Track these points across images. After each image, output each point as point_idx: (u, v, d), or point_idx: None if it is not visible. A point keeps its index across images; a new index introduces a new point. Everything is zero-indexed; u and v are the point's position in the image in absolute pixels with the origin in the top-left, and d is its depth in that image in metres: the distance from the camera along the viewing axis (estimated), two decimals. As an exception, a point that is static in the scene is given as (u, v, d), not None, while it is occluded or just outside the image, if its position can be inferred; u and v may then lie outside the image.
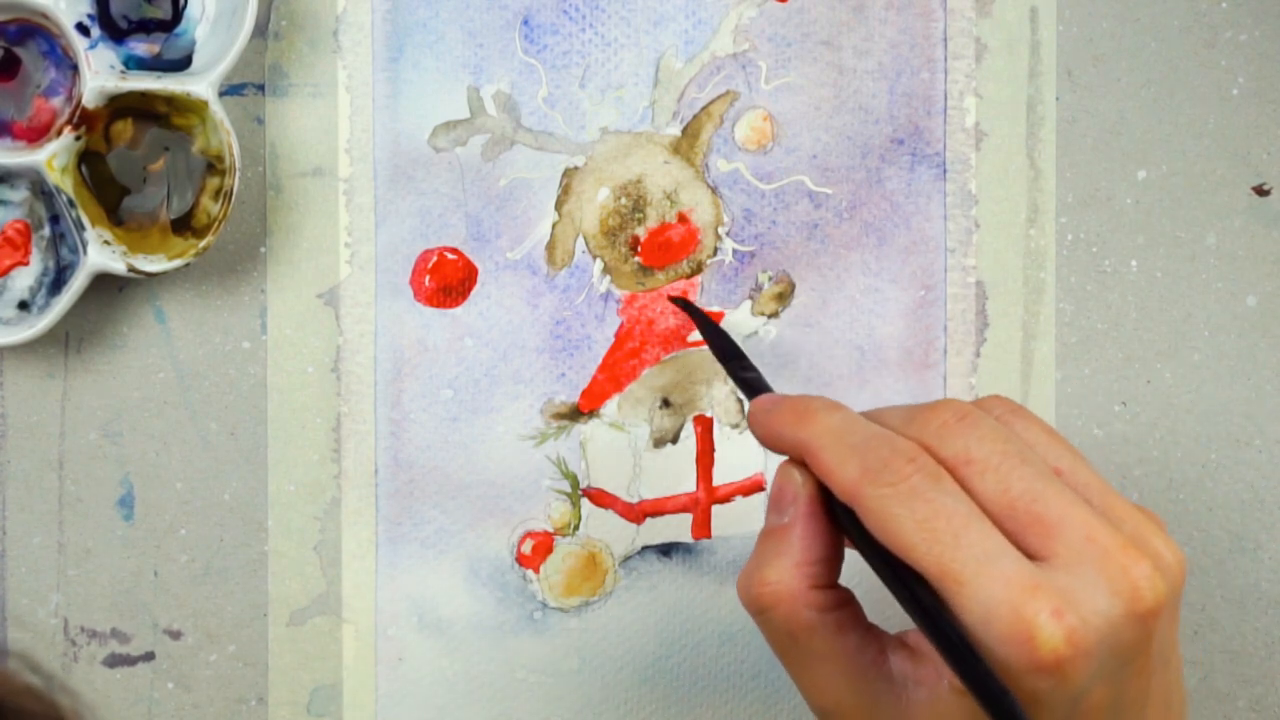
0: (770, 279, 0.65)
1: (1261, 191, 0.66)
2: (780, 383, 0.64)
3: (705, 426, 0.65)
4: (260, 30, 0.62)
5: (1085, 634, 0.48)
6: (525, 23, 0.63)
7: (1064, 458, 0.52)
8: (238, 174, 0.59)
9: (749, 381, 0.58)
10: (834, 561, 0.53)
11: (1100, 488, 0.52)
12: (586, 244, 0.64)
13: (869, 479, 0.50)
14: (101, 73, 0.59)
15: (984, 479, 0.50)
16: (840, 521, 0.52)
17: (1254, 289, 0.66)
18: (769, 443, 0.54)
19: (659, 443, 0.65)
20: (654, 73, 0.64)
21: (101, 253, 0.59)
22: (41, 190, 0.60)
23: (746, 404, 0.56)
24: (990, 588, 0.48)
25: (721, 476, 0.65)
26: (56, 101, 0.61)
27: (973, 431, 0.51)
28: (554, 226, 0.64)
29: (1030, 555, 0.49)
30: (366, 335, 0.63)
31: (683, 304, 0.63)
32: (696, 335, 0.64)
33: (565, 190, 0.64)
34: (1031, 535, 0.50)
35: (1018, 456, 0.51)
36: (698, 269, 0.64)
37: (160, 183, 0.61)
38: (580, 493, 0.64)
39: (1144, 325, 0.66)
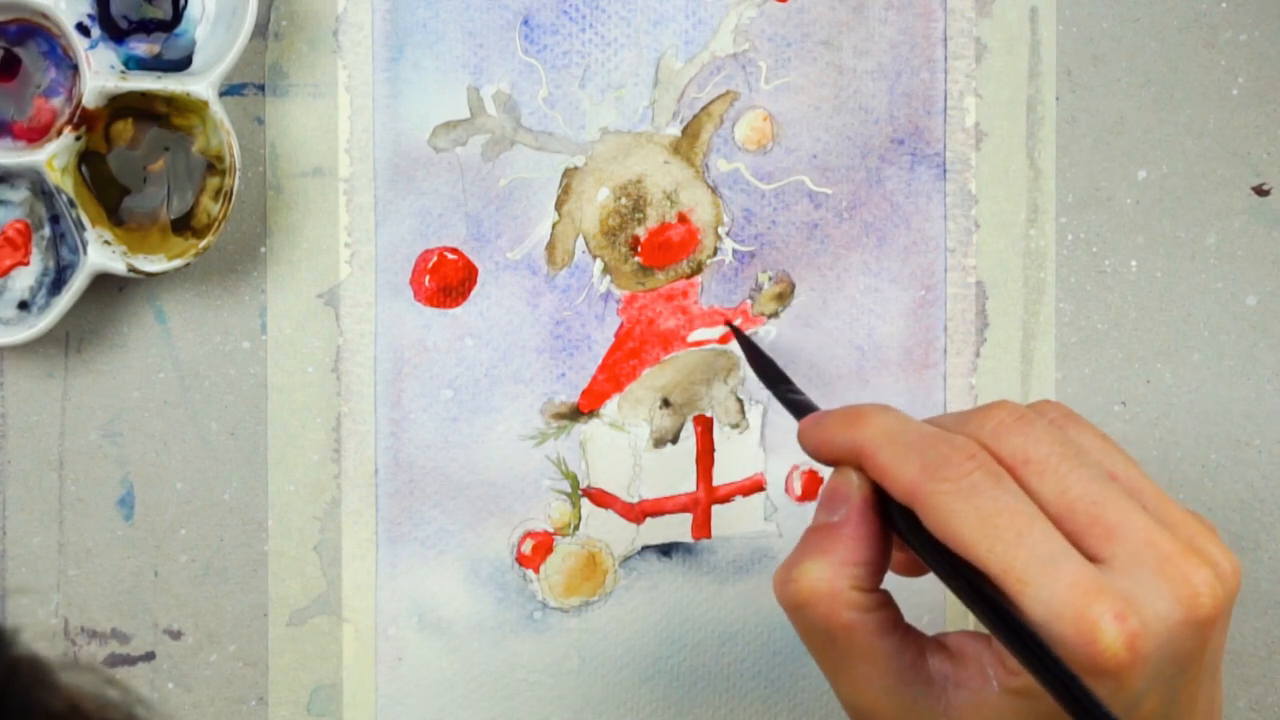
0: (770, 279, 0.65)
1: (1261, 191, 0.66)
2: (780, 383, 0.64)
3: (705, 426, 0.65)
4: (260, 30, 0.62)
5: (1146, 639, 0.48)
6: (525, 23, 0.63)
7: (1119, 463, 0.52)
8: (238, 174, 0.59)
9: (798, 404, 0.58)
10: (878, 565, 0.52)
11: (1154, 493, 0.51)
12: (586, 244, 0.64)
13: (929, 475, 0.50)
14: (101, 73, 0.59)
15: (1042, 479, 0.50)
16: (895, 525, 0.52)
17: (1254, 289, 0.66)
18: (821, 453, 0.54)
19: (659, 443, 0.65)
20: (654, 73, 0.64)
21: (101, 253, 0.59)
22: (41, 190, 0.60)
23: (797, 425, 0.56)
24: (1053, 588, 0.48)
25: (721, 476, 0.65)
26: (56, 101, 0.61)
27: (1030, 432, 0.51)
28: (554, 226, 0.64)
29: (1088, 558, 0.49)
30: (366, 335, 0.63)
31: (735, 330, 0.63)
32: (696, 335, 0.64)
33: (565, 190, 0.64)
34: (1090, 538, 0.49)
35: (1075, 459, 0.50)
36: (698, 269, 0.64)
37: (160, 183, 0.61)
38: (580, 493, 0.64)
39: (1144, 325, 0.66)
